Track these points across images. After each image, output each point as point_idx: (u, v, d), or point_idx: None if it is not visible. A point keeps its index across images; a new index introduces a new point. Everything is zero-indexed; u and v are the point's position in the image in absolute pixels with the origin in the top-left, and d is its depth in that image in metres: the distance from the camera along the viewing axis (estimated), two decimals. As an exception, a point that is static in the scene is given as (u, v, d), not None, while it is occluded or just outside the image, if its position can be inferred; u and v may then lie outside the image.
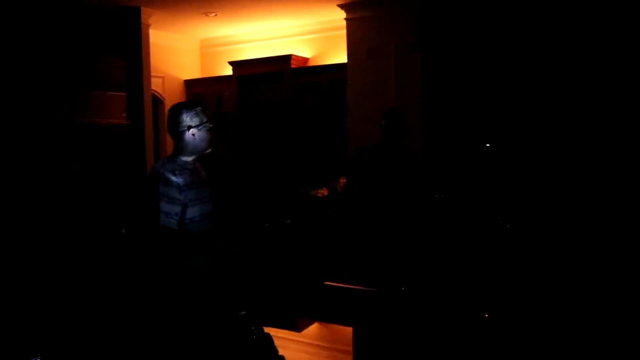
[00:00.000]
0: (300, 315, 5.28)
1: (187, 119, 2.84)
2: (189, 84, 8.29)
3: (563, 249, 4.69)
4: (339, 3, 6.43)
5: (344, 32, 6.65)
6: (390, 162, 4.44)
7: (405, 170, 4.46)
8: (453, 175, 5.64)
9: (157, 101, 7.78)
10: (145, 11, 6.54)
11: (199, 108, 2.88)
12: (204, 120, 2.87)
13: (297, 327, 4.91)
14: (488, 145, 5.44)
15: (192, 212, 2.80)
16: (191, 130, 2.83)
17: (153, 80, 7.00)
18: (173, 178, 2.75)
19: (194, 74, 8.43)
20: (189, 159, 2.87)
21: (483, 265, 4.73)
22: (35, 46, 5.75)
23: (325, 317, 4.97)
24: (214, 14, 6.91)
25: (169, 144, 7.97)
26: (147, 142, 6.65)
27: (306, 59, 7.55)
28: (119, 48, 6.59)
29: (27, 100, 5.63)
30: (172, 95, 8.02)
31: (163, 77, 7.87)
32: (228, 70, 7.93)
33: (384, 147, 4.47)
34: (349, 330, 4.73)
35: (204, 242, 2.87)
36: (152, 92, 7.09)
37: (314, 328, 4.88)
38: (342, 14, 6.59)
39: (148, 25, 6.69)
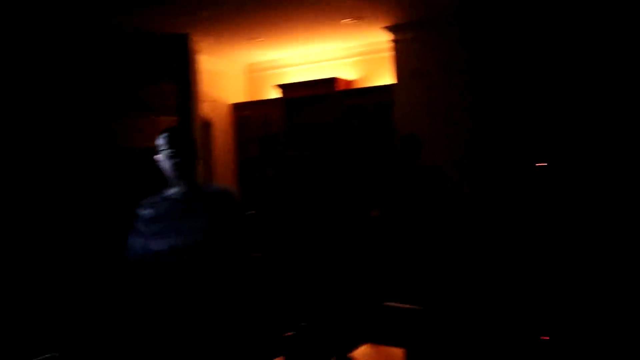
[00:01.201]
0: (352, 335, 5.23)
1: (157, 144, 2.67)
2: (236, 107, 8.43)
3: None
4: (385, 25, 6.47)
5: (390, 54, 6.68)
6: (408, 183, 4.99)
7: (425, 187, 4.98)
8: (503, 196, 5.58)
9: (206, 125, 7.93)
10: (194, 38, 6.71)
11: (163, 134, 2.65)
12: (163, 145, 2.63)
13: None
14: (538, 165, 5.38)
15: (155, 245, 2.61)
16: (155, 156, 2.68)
17: (202, 104, 7.15)
18: (139, 211, 2.69)
19: (241, 97, 8.57)
20: (173, 188, 2.70)
21: (536, 286, 4.66)
22: (87, 72, 5.95)
23: (377, 338, 4.91)
24: (260, 39, 7.03)
25: (220, 166, 8.11)
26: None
27: (351, 81, 7.60)
28: (169, 73, 6.76)
29: (77, 125, 5.81)
30: (219, 119, 8.18)
31: (211, 101, 8.02)
32: (274, 94, 8.04)
33: (403, 169, 5.05)
34: (399, 351, 4.67)
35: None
36: (201, 116, 7.22)
37: (364, 349, 4.83)
38: (388, 36, 6.63)
39: (197, 51, 6.86)
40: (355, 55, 7.60)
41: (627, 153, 4.96)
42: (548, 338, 3.97)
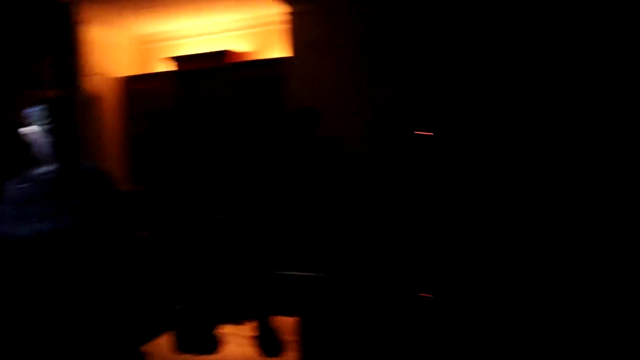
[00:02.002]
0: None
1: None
2: (126, 81, 8.11)
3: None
4: (278, -3, 6.41)
5: (285, 26, 6.62)
6: (303, 154, 5.08)
7: (321, 157, 5.09)
8: (397, 166, 5.75)
9: (93, 100, 7.58)
10: (76, 7, 6.36)
11: (38, 106, 2.49)
12: (38, 119, 2.48)
13: (238, 320, 4.83)
14: (432, 134, 5.57)
15: (19, 231, 2.39)
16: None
17: (88, 78, 6.82)
18: (1, 193, 2.49)
19: (131, 70, 8.25)
20: (43, 166, 2.53)
21: (423, 250, 4.84)
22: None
23: (273, 307, 4.91)
24: (147, 8, 6.75)
25: (109, 143, 7.79)
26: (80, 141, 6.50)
27: (244, 54, 7.50)
28: (50, 45, 6.39)
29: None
30: (108, 94, 7.84)
31: (98, 74, 7.67)
32: (166, 67, 7.80)
33: (299, 141, 5.13)
34: (292, 320, 4.71)
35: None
36: (88, 90, 6.90)
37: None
38: (284, 8, 6.55)
39: (80, 21, 6.51)
40: (248, 27, 7.49)
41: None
42: (428, 295, 4.15)
